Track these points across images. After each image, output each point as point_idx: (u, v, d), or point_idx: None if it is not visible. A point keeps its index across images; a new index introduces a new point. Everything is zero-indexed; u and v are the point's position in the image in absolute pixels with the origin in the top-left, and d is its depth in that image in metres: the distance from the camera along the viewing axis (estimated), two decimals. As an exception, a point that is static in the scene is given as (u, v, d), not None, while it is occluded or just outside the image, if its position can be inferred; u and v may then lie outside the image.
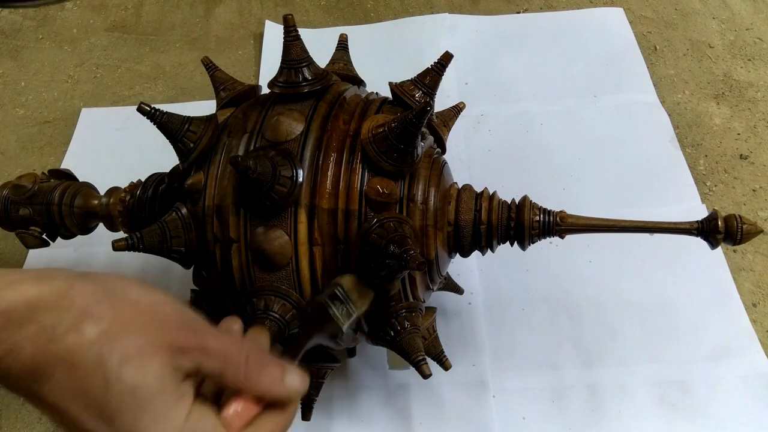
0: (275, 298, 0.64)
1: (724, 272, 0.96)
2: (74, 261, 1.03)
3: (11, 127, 1.24)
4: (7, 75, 1.32)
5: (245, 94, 0.77)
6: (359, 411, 0.87)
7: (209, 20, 1.40)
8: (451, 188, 0.73)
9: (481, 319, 0.93)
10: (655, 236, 0.96)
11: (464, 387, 0.87)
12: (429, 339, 0.76)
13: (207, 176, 0.68)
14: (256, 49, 1.33)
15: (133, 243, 0.66)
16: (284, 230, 0.64)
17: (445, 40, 1.29)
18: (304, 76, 0.69)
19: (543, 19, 1.33)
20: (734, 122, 1.15)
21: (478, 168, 1.10)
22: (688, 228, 0.66)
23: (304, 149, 0.65)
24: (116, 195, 0.81)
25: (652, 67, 1.23)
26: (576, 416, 0.85)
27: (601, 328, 0.92)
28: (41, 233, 0.85)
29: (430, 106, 0.64)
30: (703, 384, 0.86)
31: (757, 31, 1.29)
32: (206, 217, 0.67)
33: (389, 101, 0.75)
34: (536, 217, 0.70)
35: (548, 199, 0.75)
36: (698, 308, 0.93)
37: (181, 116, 0.70)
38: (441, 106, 0.81)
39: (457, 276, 0.94)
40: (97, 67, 1.33)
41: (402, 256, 0.60)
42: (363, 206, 0.65)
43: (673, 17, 1.33)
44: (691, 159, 1.10)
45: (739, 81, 1.21)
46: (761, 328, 0.91)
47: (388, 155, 0.65)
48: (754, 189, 1.06)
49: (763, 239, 0.99)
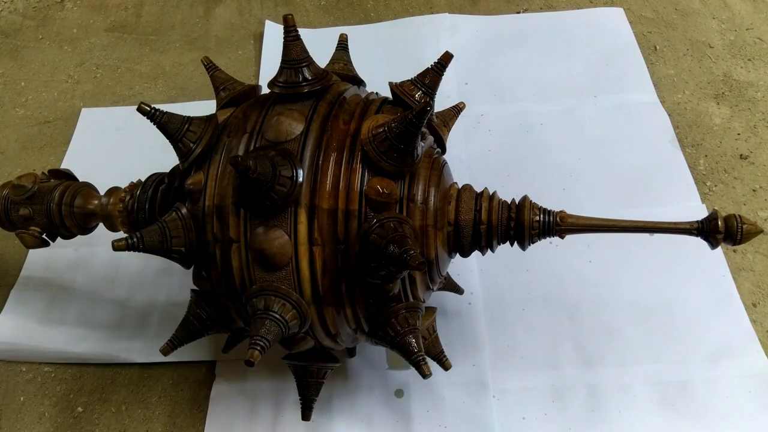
0: (275, 298, 0.64)
1: (724, 272, 0.96)
2: (74, 261, 1.03)
3: (11, 127, 1.24)
4: (7, 75, 1.32)
5: (245, 94, 0.77)
6: (359, 411, 0.87)
7: (209, 20, 1.40)
8: (451, 188, 0.73)
9: (481, 319, 0.93)
10: (655, 236, 0.96)
11: (464, 387, 0.87)
12: (429, 339, 0.76)
13: (207, 176, 0.68)
14: (256, 49, 1.33)
15: (133, 243, 0.66)
16: (284, 230, 0.64)
17: (445, 40, 1.29)
18: (304, 76, 0.69)
19: (543, 19, 1.33)
20: (734, 122, 1.15)
21: (478, 168, 1.10)
22: (688, 228, 0.66)
23: (304, 149, 0.65)
24: (116, 195, 0.81)
25: (652, 67, 1.23)
26: (576, 416, 0.85)
27: (601, 328, 0.92)
28: (41, 233, 0.85)
29: (430, 106, 0.64)
30: (703, 384, 0.86)
31: (757, 31, 1.29)
32: (206, 217, 0.67)
33: (389, 101, 0.75)
34: (536, 217, 0.70)
35: (548, 199, 0.75)
36: (698, 308, 0.93)
37: (181, 116, 0.70)
38: (441, 106, 0.81)
39: (457, 276, 0.94)
40: (97, 67, 1.33)
41: (402, 256, 0.60)
42: (363, 206, 0.65)
43: (673, 17, 1.33)
44: (691, 159, 1.10)
45: (739, 81, 1.21)
46: (761, 328, 0.91)
47: (388, 155, 0.65)
48: (754, 189, 1.06)
49: (763, 239, 0.99)
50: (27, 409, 0.90)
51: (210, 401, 0.88)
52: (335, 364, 0.79)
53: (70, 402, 0.91)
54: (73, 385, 0.92)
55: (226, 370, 0.91)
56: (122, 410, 0.90)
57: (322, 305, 0.67)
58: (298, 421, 0.81)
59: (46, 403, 0.91)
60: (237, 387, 0.89)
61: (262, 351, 0.61)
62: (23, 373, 0.94)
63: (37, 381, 0.93)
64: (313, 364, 0.78)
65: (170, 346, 0.73)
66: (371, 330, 0.71)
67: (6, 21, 1.42)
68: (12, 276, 1.03)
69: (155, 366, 0.93)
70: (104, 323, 0.96)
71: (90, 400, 0.91)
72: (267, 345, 0.61)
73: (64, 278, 1.02)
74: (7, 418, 0.90)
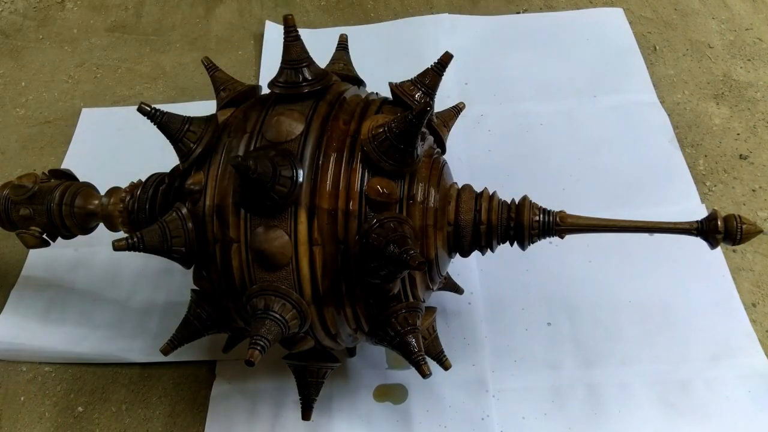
0: (275, 298, 0.64)
1: (723, 272, 0.96)
2: (74, 261, 1.03)
3: (12, 127, 1.24)
4: (7, 75, 1.33)
5: (245, 94, 0.77)
6: (359, 411, 0.87)
7: (209, 20, 1.40)
8: (451, 188, 0.73)
9: (481, 319, 0.93)
10: (655, 236, 0.96)
11: (464, 387, 0.87)
12: (429, 339, 0.77)
13: (207, 176, 0.68)
14: (256, 50, 1.33)
15: (134, 243, 0.66)
16: (284, 230, 0.64)
17: (445, 40, 1.29)
18: (304, 76, 0.69)
19: (543, 19, 1.33)
20: (734, 122, 1.15)
21: (478, 168, 1.10)
22: (687, 228, 0.66)
23: (304, 149, 0.65)
24: (116, 195, 0.81)
25: (651, 67, 1.23)
26: (576, 416, 0.85)
27: (601, 328, 0.92)
28: (41, 233, 0.85)
29: (430, 106, 0.64)
30: (703, 384, 0.86)
31: (757, 31, 1.29)
32: (206, 217, 0.67)
33: (389, 101, 0.75)
34: (536, 217, 0.70)
35: (548, 199, 0.75)
36: (698, 308, 0.93)
37: (181, 116, 0.70)
38: (441, 106, 0.82)
39: (457, 276, 0.94)
40: (98, 67, 1.33)
41: (402, 256, 0.60)
42: (363, 206, 0.65)
43: (673, 17, 1.33)
44: (690, 159, 1.10)
45: (738, 81, 1.21)
46: (761, 328, 0.91)
47: (388, 155, 0.65)
48: (754, 189, 1.06)
49: (763, 239, 0.99)
50: (27, 409, 0.90)
51: (210, 401, 0.88)
52: (335, 364, 0.79)
53: (71, 402, 0.91)
54: (74, 385, 0.92)
55: (226, 370, 0.91)
56: (122, 410, 0.90)
57: (322, 305, 0.67)
58: (298, 420, 0.81)
59: (47, 402, 0.91)
60: (237, 387, 0.89)
61: (262, 351, 0.61)
62: (23, 373, 0.94)
63: (38, 381, 0.93)
64: (313, 364, 0.78)
65: (170, 345, 0.74)
66: (371, 330, 0.71)
67: (6, 21, 1.42)
68: (12, 276, 1.03)
69: (155, 366, 0.93)
70: (104, 323, 0.96)
71: (90, 400, 0.91)
72: (267, 345, 0.61)
73: (64, 278, 1.02)
74: (7, 418, 0.90)
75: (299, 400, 0.80)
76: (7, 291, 1.01)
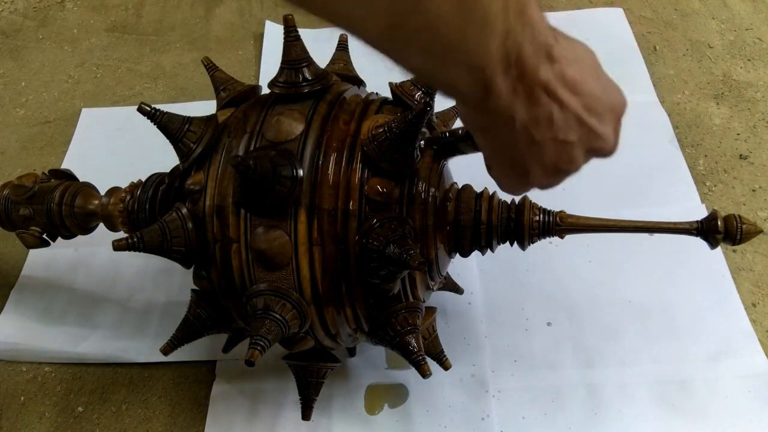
0: (275, 298, 0.64)
1: (723, 272, 0.96)
2: (75, 261, 1.03)
3: (11, 127, 1.24)
4: (7, 75, 1.33)
5: (245, 94, 0.77)
6: (359, 411, 0.87)
7: (209, 20, 1.40)
8: (451, 188, 0.73)
9: (481, 319, 0.93)
10: (655, 236, 0.96)
11: (464, 387, 0.87)
12: (429, 339, 0.77)
13: (207, 176, 0.68)
14: (256, 50, 1.33)
15: (134, 243, 0.66)
16: (284, 230, 0.64)
17: (445, 40, 1.28)
18: (304, 76, 0.69)
19: (543, 20, 1.33)
20: (734, 122, 1.15)
21: (478, 168, 1.09)
22: (687, 228, 0.66)
23: (304, 149, 0.65)
24: (116, 195, 0.81)
25: (651, 67, 1.23)
26: (576, 416, 0.85)
27: (601, 328, 0.92)
28: (41, 233, 0.85)
29: (430, 106, 0.64)
30: (703, 384, 0.86)
31: (757, 31, 1.29)
32: (206, 217, 0.67)
33: (389, 101, 0.75)
34: (536, 217, 0.70)
35: (548, 199, 0.75)
36: (698, 308, 0.93)
37: (181, 116, 0.70)
38: (441, 106, 0.81)
39: (457, 276, 0.94)
40: (98, 67, 1.33)
41: (402, 256, 0.60)
42: (363, 206, 0.65)
43: (673, 17, 1.33)
44: (690, 159, 1.10)
45: (738, 81, 1.21)
46: (761, 328, 0.91)
47: (388, 155, 0.65)
48: (754, 189, 1.06)
49: (763, 239, 0.99)
50: (27, 409, 0.90)
51: (210, 401, 0.88)
52: (335, 364, 0.79)
53: (71, 402, 0.91)
54: (73, 385, 0.92)
55: (226, 370, 0.91)
56: (122, 410, 0.90)
57: (322, 305, 0.67)
58: (298, 420, 0.81)
59: (47, 402, 0.91)
60: (237, 387, 0.89)
61: (262, 351, 0.61)
62: (23, 373, 0.94)
63: (38, 381, 0.93)
64: (313, 364, 0.78)
65: (170, 345, 0.74)
66: (371, 330, 0.71)
67: (6, 21, 1.42)
68: (12, 276, 1.03)
69: (155, 366, 0.93)
70: (104, 323, 0.96)
71: (90, 400, 0.91)
72: (267, 345, 0.61)
73: (64, 278, 1.02)
74: (7, 418, 0.90)
75: (299, 400, 0.80)
76: (7, 291, 1.01)
